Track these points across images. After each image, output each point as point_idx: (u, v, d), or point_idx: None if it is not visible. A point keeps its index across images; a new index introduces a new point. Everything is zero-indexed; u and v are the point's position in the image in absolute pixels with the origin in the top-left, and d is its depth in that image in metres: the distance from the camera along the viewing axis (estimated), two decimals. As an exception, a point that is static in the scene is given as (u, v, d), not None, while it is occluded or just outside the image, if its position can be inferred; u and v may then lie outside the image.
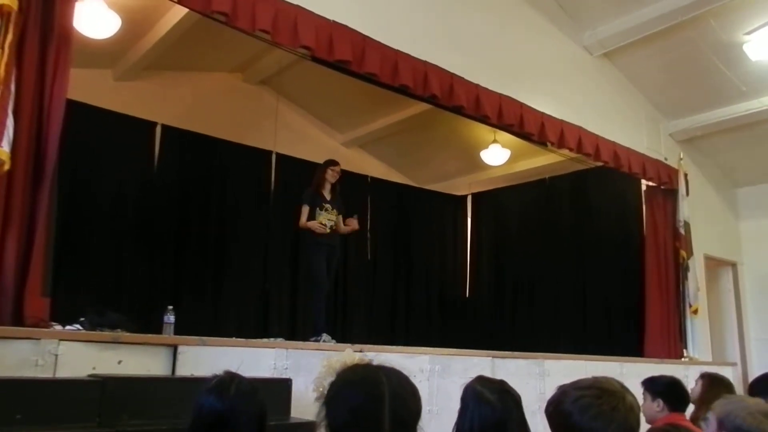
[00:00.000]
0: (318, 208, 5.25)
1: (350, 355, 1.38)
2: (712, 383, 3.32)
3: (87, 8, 4.76)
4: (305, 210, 5.24)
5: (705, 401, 3.03)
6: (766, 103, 7.06)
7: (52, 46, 3.32)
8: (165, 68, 6.67)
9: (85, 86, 5.22)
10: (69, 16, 3.47)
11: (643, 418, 2.78)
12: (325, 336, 4.82)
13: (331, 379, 1.31)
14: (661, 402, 2.87)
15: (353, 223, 5.48)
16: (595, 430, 1.38)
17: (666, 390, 2.91)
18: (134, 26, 5.56)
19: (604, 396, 1.41)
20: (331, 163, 5.47)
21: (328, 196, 5.33)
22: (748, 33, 6.33)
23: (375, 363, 1.36)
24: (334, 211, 5.33)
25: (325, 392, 1.31)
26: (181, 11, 5.12)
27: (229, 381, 1.77)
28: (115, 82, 6.58)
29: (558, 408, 1.44)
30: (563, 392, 1.47)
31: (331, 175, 5.36)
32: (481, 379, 1.99)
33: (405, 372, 1.32)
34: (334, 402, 1.30)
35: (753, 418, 1.86)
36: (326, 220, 5.25)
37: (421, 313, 8.82)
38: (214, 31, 5.11)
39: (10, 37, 3.04)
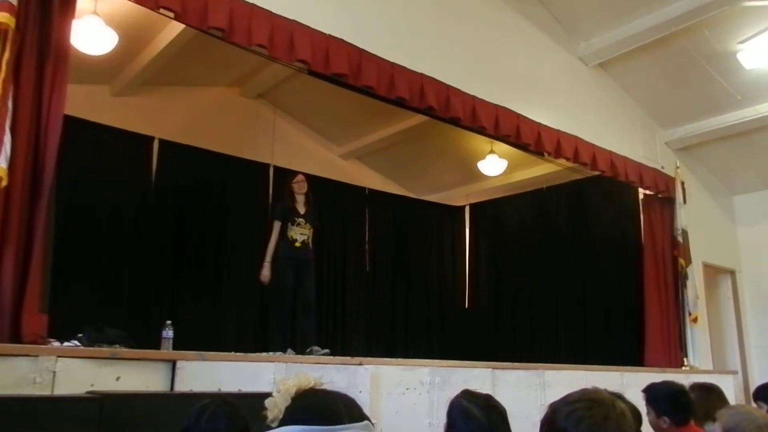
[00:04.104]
0: (290, 223, 5.25)
1: (305, 379, 1.34)
2: (704, 393, 3.29)
3: (84, 25, 4.79)
4: (277, 226, 5.25)
5: (700, 412, 3.01)
6: (761, 111, 7.10)
7: (50, 63, 3.34)
8: (162, 83, 6.68)
9: (82, 102, 5.22)
10: (66, 33, 3.49)
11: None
12: (315, 347, 4.82)
13: (286, 403, 1.29)
14: (666, 419, 2.85)
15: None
16: None
17: (669, 408, 2.87)
18: (131, 42, 5.58)
19: (595, 407, 1.41)
20: (293, 176, 5.49)
21: (301, 210, 5.33)
22: (742, 42, 6.37)
23: (329, 388, 1.34)
24: (308, 225, 5.31)
25: (280, 415, 1.29)
26: (177, 27, 5.14)
27: (204, 409, 1.90)
28: (113, 98, 6.60)
29: (552, 427, 1.44)
30: (554, 410, 1.46)
31: (297, 188, 5.35)
32: (466, 394, 1.99)
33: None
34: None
35: None
36: (298, 234, 5.25)
37: (421, 324, 8.79)
38: (210, 47, 5.13)
39: (7, 54, 3.06)
